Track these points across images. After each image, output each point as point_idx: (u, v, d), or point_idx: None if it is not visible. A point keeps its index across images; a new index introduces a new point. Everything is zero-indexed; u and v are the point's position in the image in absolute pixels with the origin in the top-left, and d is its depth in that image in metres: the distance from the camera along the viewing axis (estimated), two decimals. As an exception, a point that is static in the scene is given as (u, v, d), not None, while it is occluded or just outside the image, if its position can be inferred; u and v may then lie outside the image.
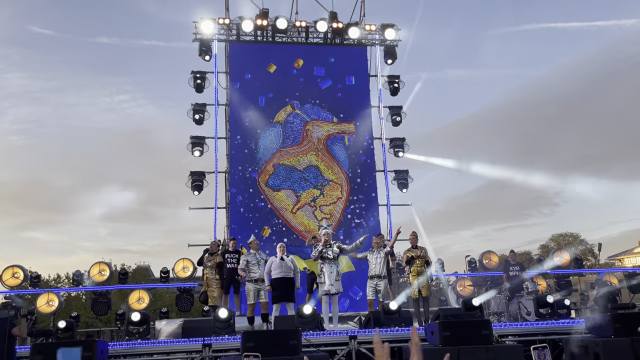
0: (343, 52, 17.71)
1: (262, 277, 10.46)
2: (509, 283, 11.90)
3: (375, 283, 10.56)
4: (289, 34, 17.50)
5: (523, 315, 10.85)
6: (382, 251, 10.76)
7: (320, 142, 16.61)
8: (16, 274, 13.90)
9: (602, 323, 7.65)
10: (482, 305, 9.95)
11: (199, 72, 16.47)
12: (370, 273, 10.70)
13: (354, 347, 8.51)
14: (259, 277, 10.41)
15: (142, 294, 14.19)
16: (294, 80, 17.02)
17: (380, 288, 10.52)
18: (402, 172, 16.88)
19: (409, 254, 10.73)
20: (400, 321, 9.63)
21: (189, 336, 8.93)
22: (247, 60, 17.05)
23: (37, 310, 13.37)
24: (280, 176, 16.13)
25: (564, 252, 16.34)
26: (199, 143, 15.95)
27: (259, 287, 10.37)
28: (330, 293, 10.10)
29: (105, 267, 14.29)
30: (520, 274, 12.19)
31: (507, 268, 12.26)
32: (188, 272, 14.18)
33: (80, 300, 30.51)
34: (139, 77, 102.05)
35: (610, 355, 6.98)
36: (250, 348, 7.03)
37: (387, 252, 10.76)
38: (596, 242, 47.58)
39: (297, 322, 9.26)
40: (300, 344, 7.31)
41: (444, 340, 7.25)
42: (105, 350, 7.55)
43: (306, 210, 15.93)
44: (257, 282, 10.39)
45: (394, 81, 17.56)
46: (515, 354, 7.29)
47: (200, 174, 15.73)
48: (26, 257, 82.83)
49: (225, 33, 17.10)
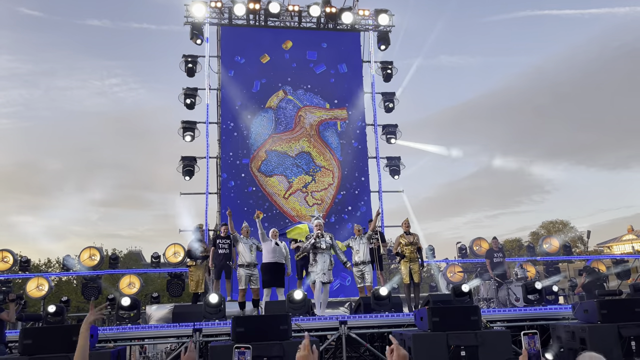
0: (336, 37, 17.57)
1: (253, 262, 10.51)
2: (493, 269, 11.99)
3: (361, 269, 10.66)
4: (281, 18, 17.32)
5: (512, 301, 10.95)
6: (363, 237, 10.86)
7: (312, 128, 16.56)
8: (5, 258, 13.83)
9: (589, 309, 7.73)
10: (471, 291, 10.02)
11: (191, 56, 16.30)
12: (355, 260, 10.79)
13: (344, 332, 8.56)
14: (251, 262, 10.45)
15: (132, 279, 14.18)
16: (286, 65, 16.89)
17: (367, 274, 10.60)
18: (394, 158, 16.88)
19: (402, 240, 10.78)
20: (391, 307, 9.68)
21: (179, 321, 8.93)
22: (239, 45, 16.88)
23: (27, 294, 13.32)
24: (272, 162, 16.10)
25: (553, 240, 16.51)
26: (190, 128, 15.84)
27: (250, 273, 10.41)
28: (323, 282, 10.13)
29: (96, 251, 14.25)
30: (503, 260, 12.29)
31: (490, 255, 12.34)
32: (179, 257, 14.17)
33: (71, 285, 30.49)
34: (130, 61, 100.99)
35: (596, 340, 7.06)
36: (240, 333, 7.04)
37: (368, 236, 10.81)
38: (586, 229, 48.15)
39: (288, 308, 9.29)
40: (291, 329, 7.33)
41: (433, 326, 7.30)
42: (95, 335, 7.53)
43: (298, 195, 15.97)
44: (249, 267, 10.43)
45: (387, 67, 17.47)
46: (503, 339, 7.36)
47: (191, 159, 15.65)
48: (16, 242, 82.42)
49: (217, 16, 16.89)
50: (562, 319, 8.97)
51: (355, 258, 10.83)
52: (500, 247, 12.62)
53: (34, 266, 27.65)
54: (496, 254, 12.27)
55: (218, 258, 11.15)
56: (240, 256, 10.53)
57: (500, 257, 12.26)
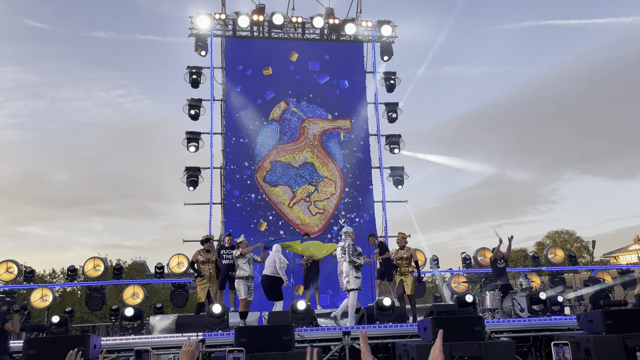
0: (339, 49, 17.69)
1: (251, 275, 10.63)
2: (498, 277, 11.95)
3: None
4: (285, 30, 17.46)
5: (516, 311, 10.88)
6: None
7: (315, 139, 16.63)
8: (10, 268, 13.89)
9: (594, 319, 7.68)
10: (475, 301, 9.99)
11: (195, 68, 16.45)
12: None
13: (348, 343, 8.53)
14: (249, 275, 10.55)
15: (136, 290, 14.19)
16: (290, 78, 17.00)
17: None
18: (397, 168, 16.91)
19: (395, 255, 11.22)
20: (394, 317, 9.66)
21: (182, 331, 8.93)
22: (243, 56, 17.02)
23: (31, 305, 13.35)
24: (277, 172, 16.18)
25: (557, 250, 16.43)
26: (195, 138, 15.92)
27: (249, 285, 10.53)
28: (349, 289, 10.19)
29: (100, 262, 14.28)
30: (506, 266, 12.25)
31: (494, 262, 12.30)
32: (183, 267, 14.18)
33: (75, 296, 30.48)
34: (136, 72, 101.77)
35: (601, 351, 7.02)
36: (243, 344, 7.03)
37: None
38: (591, 239, 47.81)
39: (291, 318, 9.28)
40: (294, 340, 7.32)
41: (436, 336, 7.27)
42: (98, 345, 7.54)
43: (301, 205, 16.03)
44: (247, 279, 10.51)
45: (390, 78, 17.56)
46: (507, 350, 7.32)
47: (195, 170, 15.71)
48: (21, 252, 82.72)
49: (221, 28, 17.06)
50: (567, 329, 8.90)
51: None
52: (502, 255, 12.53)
53: (39, 276, 27.67)
54: (499, 261, 12.22)
55: (222, 268, 11.19)
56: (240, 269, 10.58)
57: (503, 263, 12.21)
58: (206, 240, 11.66)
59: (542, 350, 9.63)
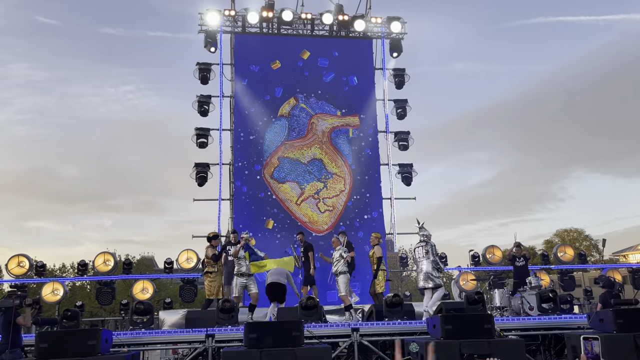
0: (348, 45, 17.64)
1: (248, 271, 10.68)
2: (516, 275, 11.93)
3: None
4: (294, 26, 17.44)
5: (526, 310, 10.84)
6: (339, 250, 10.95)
7: (324, 135, 16.61)
8: (22, 263, 14.02)
9: (604, 318, 7.64)
10: (484, 299, 9.96)
11: (204, 64, 16.48)
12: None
13: (356, 339, 8.55)
14: (246, 271, 10.61)
15: (146, 284, 14.28)
16: (299, 74, 16.98)
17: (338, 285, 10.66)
18: (406, 165, 16.86)
19: None
20: (403, 314, 9.67)
21: (192, 327, 8.98)
22: (253, 52, 17.02)
23: (42, 299, 13.48)
24: (284, 169, 16.17)
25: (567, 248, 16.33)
26: (204, 135, 15.96)
27: (245, 281, 10.58)
28: None
29: (110, 257, 14.39)
30: (526, 264, 12.20)
31: (513, 260, 12.27)
32: (192, 263, 14.24)
33: (85, 290, 30.76)
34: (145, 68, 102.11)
35: (612, 350, 6.98)
36: (253, 339, 7.07)
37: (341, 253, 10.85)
38: (601, 237, 47.48)
39: (300, 314, 9.31)
40: (303, 336, 7.34)
41: (446, 334, 7.27)
42: (110, 339, 7.60)
43: (310, 202, 16.01)
44: (243, 276, 10.59)
45: (400, 74, 17.51)
46: (516, 348, 7.30)
47: (204, 166, 15.76)
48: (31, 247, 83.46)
49: (230, 25, 17.07)
50: (577, 328, 8.85)
51: None
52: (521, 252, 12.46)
53: (49, 271, 27.96)
54: (518, 259, 12.19)
55: (228, 264, 11.26)
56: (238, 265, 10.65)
57: (522, 261, 12.17)
58: (214, 237, 11.86)
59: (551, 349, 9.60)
